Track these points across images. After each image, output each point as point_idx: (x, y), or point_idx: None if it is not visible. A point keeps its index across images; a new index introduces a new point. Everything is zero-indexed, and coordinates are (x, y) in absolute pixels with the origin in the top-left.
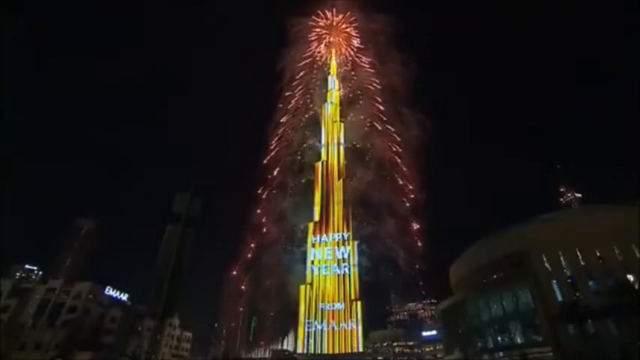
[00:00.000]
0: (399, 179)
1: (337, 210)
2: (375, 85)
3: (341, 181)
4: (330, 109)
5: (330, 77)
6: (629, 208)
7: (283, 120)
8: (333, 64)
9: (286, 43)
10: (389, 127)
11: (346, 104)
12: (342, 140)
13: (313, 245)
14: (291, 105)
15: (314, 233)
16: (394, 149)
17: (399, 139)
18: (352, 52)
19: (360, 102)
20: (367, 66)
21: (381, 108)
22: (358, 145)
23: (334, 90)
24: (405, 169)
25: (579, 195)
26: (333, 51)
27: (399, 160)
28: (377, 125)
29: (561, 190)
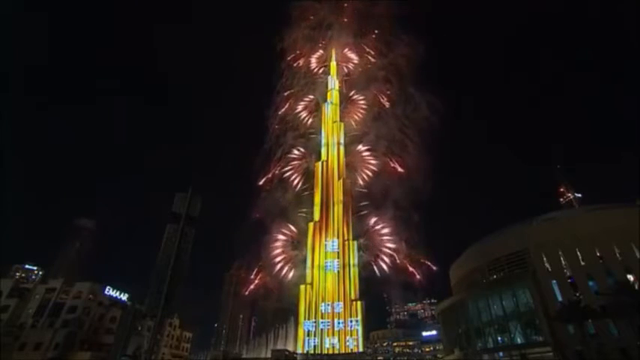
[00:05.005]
0: (402, 170)
1: (337, 210)
2: (379, 68)
3: (341, 181)
4: (330, 109)
5: (330, 77)
6: (629, 208)
7: (284, 105)
8: (333, 64)
9: (287, 25)
10: (395, 113)
11: (350, 89)
12: (342, 140)
13: (313, 245)
14: (291, 90)
15: (314, 233)
16: (399, 138)
17: (405, 127)
18: (355, 36)
19: (365, 87)
20: (371, 50)
21: (387, 93)
22: (360, 134)
23: (334, 90)
24: (408, 159)
25: (579, 195)
26: (334, 50)
27: (403, 148)
28: (381, 111)
29: (561, 190)
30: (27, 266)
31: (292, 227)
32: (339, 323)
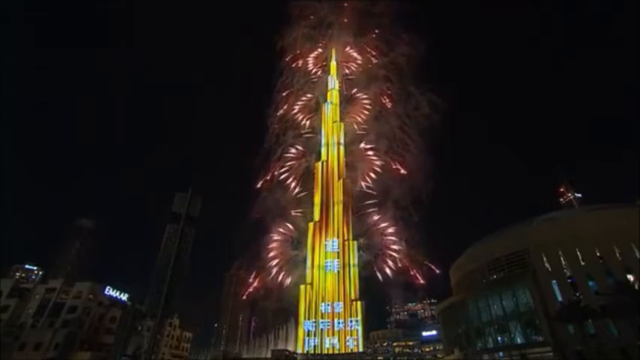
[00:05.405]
0: (403, 169)
1: (337, 210)
2: (380, 67)
3: (341, 181)
4: (330, 109)
5: (330, 77)
6: (629, 208)
7: (284, 104)
8: (333, 63)
9: (287, 24)
10: (396, 112)
11: (350, 89)
12: (342, 140)
13: (313, 245)
14: (291, 89)
15: (314, 233)
16: (400, 137)
17: (406, 126)
18: (355, 35)
19: (365, 86)
20: (371, 49)
21: (387, 92)
22: (360, 133)
23: (334, 90)
24: (409, 158)
25: (579, 195)
26: (334, 50)
27: (404, 147)
28: (382, 110)
29: (561, 190)
30: (27, 266)
31: (292, 227)
32: (339, 323)
